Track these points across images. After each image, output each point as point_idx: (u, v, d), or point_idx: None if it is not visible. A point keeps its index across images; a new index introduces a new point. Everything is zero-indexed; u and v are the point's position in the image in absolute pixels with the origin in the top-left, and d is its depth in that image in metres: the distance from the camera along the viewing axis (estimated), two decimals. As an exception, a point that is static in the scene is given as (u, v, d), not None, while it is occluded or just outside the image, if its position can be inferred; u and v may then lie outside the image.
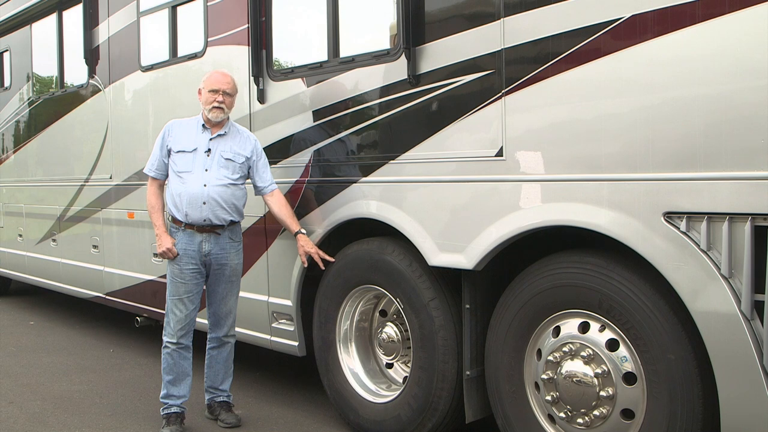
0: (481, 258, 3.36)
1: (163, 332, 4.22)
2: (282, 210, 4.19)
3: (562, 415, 3.20)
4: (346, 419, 4.24)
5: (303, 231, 4.17)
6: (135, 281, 5.86)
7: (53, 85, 7.26)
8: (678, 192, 2.70)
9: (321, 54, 4.18)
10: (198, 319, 4.29)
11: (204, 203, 4.06)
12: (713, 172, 2.61)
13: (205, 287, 4.26)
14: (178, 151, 4.13)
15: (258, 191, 4.25)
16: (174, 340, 4.16)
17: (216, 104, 4.08)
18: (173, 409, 4.21)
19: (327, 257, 4.13)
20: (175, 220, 4.16)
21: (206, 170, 4.09)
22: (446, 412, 3.69)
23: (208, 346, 4.36)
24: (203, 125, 4.16)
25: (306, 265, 4.22)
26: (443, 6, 3.57)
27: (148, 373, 5.50)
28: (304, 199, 4.30)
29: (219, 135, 4.15)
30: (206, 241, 4.12)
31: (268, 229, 4.56)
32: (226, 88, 4.11)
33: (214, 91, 4.08)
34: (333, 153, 4.13)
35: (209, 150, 4.12)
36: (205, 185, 4.07)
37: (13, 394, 5.06)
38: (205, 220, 4.08)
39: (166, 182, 4.24)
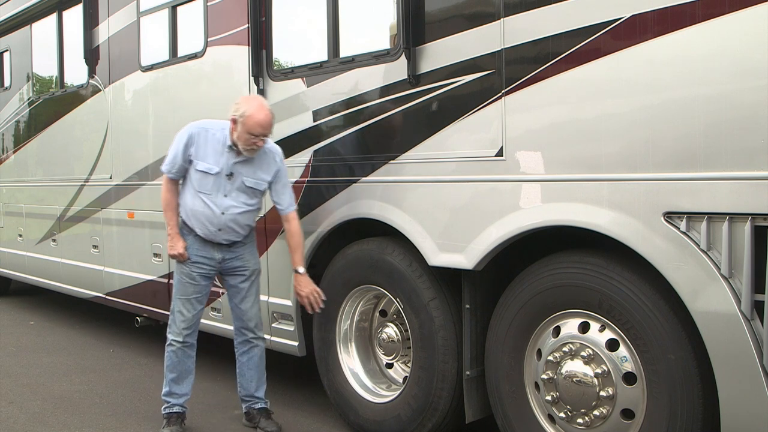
0: (481, 258, 3.36)
1: (168, 330, 4.18)
2: (291, 239, 4.06)
3: (562, 415, 3.20)
4: (346, 419, 4.24)
5: (301, 270, 4.04)
6: (135, 281, 5.86)
7: (53, 85, 7.26)
8: (678, 192, 2.70)
9: (321, 54, 4.18)
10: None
11: (219, 230, 4.00)
12: (713, 172, 2.61)
13: (226, 291, 4.22)
14: (200, 170, 3.95)
15: (277, 209, 4.13)
16: (180, 339, 4.11)
17: (253, 147, 3.84)
18: (175, 409, 4.19)
19: (319, 301, 4.05)
20: (187, 225, 4.09)
21: (225, 195, 3.95)
22: (446, 412, 3.69)
23: (237, 353, 4.25)
24: (230, 146, 3.92)
25: (310, 312, 4.14)
26: (443, 6, 3.57)
27: (148, 373, 5.50)
28: (304, 199, 4.30)
29: (244, 159, 3.93)
30: (218, 250, 4.08)
31: (268, 229, 4.56)
32: (266, 133, 3.83)
33: (253, 136, 3.80)
34: (333, 153, 4.13)
35: (231, 174, 3.95)
36: (222, 213, 3.96)
37: (13, 394, 5.06)
38: (218, 240, 4.05)
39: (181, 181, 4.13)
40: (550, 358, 3.21)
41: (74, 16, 6.59)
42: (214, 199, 3.96)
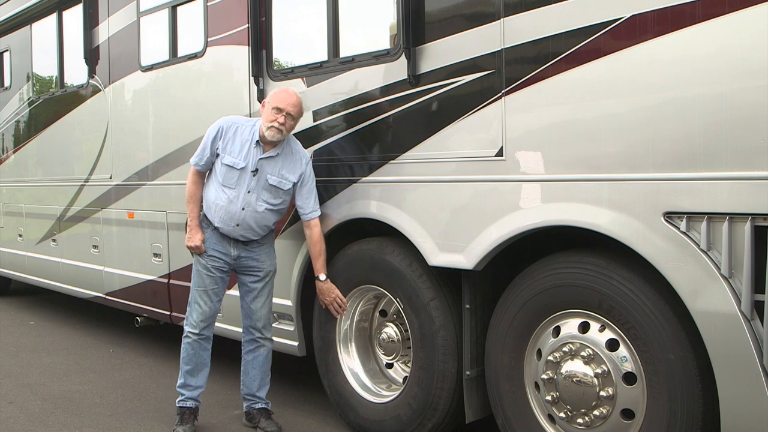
0: (481, 258, 3.36)
1: (185, 323, 4.19)
2: (313, 247, 4.05)
3: (562, 415, 3.20)
4: (346, 419, 4.24)
5: (322, 278, 4.05)
6: (135, 281, 5.86)
7: (53, 85, 7.26)
8: (678, 192, 2.70)
9: (321, 54, 4.18)
10: (216, 324, 4.24)
11: (237, 225, 4.01)
12: (713, 172, 2.61)
13: (238, 290, 4.24)
14: (226, 164, 3.97)
15: (299, 213, 4.12)
16: (197, 331, 4.12)
17: (276, 125, 3.84)
18: (188, 404, 4.19)
19: (345, 307, 4.11)
20: (207, 217, 4.12)
21: (249, 192, 3.97)
22: (446, 412, 3.69)
23: (243, 351, 4.27)
24: (257, 141, 3.95)
25: (336, 317, 4.17)
26: (443, 6, 3.57)
27: (148, 373, 5.50)
28: (304, 199, 4.30)
29: (270, 156, 3.96)
30: (235, 247, 4.10)
31: (268, 229, 4.55)
32: (291, 110, 3.86)
33: (278, 110, 3.85)
34: (333, 153, 4.13)
35: (257, 170, 3.96)
36: (243, 209, 3.97)
37: (13, 394, 5.06)
38: (234, 236, 4.07)
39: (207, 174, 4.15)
40: (550, 358, 3.21)
41: (74, 16, 6.59)
42: (237, 193, 3.99)
